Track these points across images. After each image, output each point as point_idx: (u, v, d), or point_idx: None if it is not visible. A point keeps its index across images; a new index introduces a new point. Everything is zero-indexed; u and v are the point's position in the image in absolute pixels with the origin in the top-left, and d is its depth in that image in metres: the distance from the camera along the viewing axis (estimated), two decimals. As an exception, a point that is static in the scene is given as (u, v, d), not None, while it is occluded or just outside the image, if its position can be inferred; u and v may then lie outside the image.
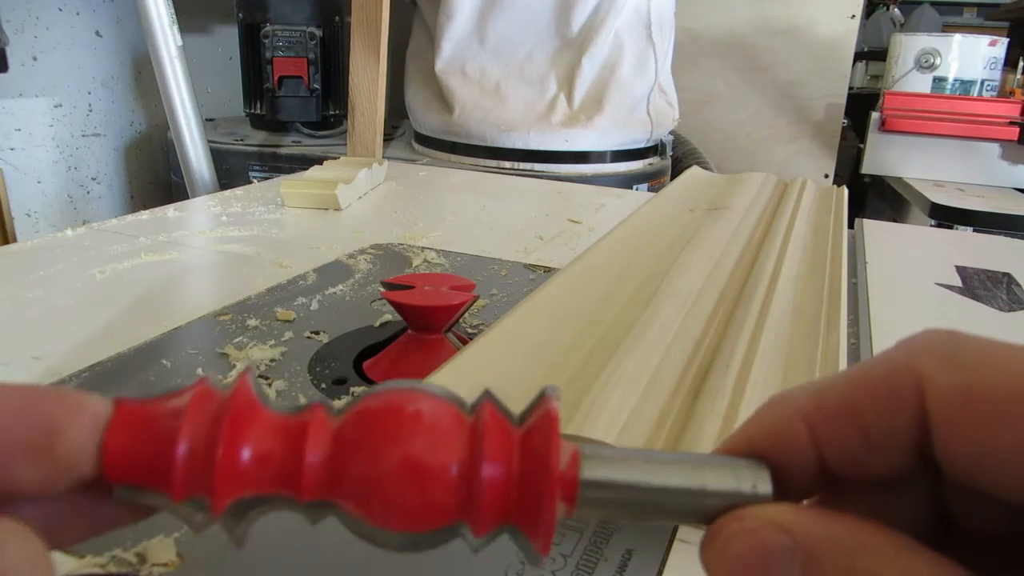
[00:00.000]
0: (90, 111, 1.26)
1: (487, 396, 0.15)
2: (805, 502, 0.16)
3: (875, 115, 1.71)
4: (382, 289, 0.40)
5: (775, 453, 0.15)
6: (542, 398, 0.15)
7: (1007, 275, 0.60)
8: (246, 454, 0.14)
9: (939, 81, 1.79)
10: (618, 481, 0.15)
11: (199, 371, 0.37)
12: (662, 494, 0.15)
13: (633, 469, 0.15)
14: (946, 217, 1.43)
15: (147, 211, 0.68)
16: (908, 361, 0.14)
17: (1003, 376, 0.13)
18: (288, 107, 1.21)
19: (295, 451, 0.15)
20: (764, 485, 0.15)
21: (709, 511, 0.15)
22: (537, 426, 0.15)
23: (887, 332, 0.47)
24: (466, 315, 0.44)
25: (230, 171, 1.15)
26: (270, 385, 0.36)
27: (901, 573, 0.13)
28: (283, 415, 0.15)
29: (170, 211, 0.69)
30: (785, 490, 0.15)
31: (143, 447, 0.15)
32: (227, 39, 1.44)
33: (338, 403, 0.16)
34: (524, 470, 0.14)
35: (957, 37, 1.79)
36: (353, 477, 0.14)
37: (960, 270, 0.61)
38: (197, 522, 0.15)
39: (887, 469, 0.14)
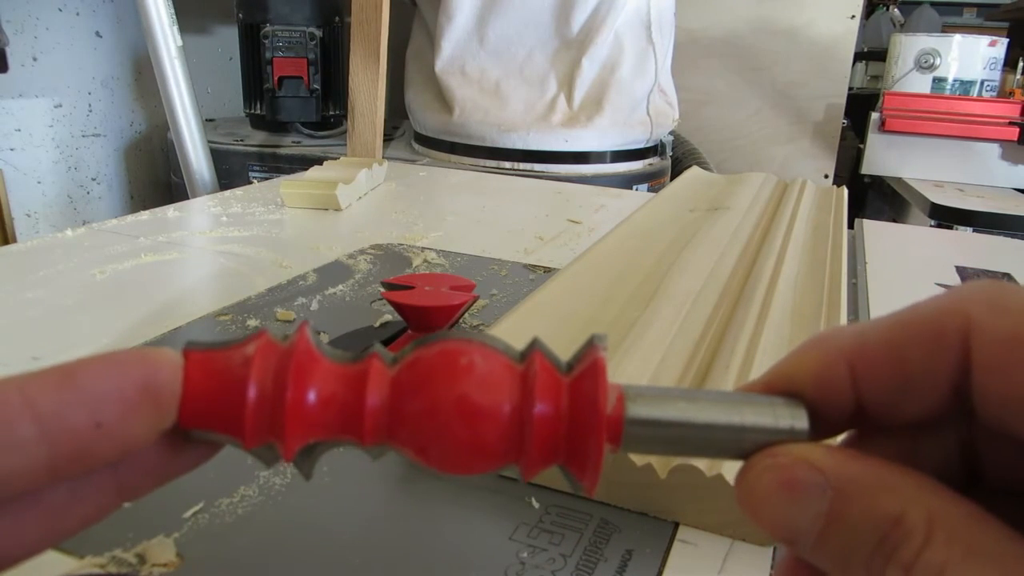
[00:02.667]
0: (90, 111, 1.26)
1: (536, 345, 0.16)
2: (837, 440, 0.16)
3: (875, 115, 1.71)
4: (382, 289, 0.40)
5: (814, 391, 0.16)
6: (589, 346, 0.16)
7: (1007, 275, 0.60)
8: (312, 400, 0.15)
9: (939, 81, 1.79)
10: (661, 419, 0.16)
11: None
12: (703, 431, 0.16)
13: (675, 407, 0.16)
14: (946, 217, 1.43)
15: (147, 211, 0.68)
16: (957, 305, 0.14)
17: None
18: (288, 107, 1.21)
19: (357, 397, 0.15)
20: (801, 423, 0.16)
21: (747, 447, 0.16)
22: (585, 372, 0.15)
23: (887, 332, 0.47)
24: (466, 315, 0.44)
25: (230, 171, 1.15)
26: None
27: (925, 512, 0.13)
28: (342, 364, 0.16)
29: (170, 211, 0.69)
30: (820, 428, 0.16)
31: (216, 395, 0.15)
32: (227, 39, 1.44)
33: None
34: (573, 411, 0.15)
35: (957, 37, 1.79)
36: (411, 420, 0.15)
37: (960, 270, 0.61)
38: (268, 459, 0.16)
39: (922, 412, 0.15)
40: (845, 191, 0.72)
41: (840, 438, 0.17)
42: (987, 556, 0.12)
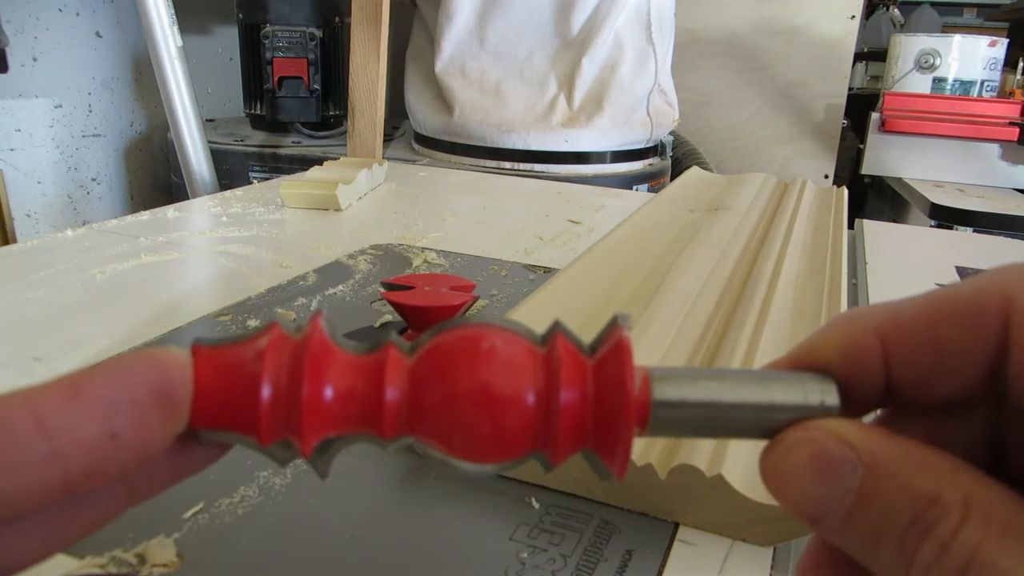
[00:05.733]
0: (90, 112, 1.26)
1: (558, 327, 0.16)
2: (865, 419, 0.16)
3: (875, 115, 1.71)
4: (382, 290, 0.40)
5: (845, 367, 0.15)
6: (613, 326, 0.15)
7: (1007, 275, 0.60)
8: (329, 394, 0.15)
9: (939, 82, 1.79)
10: (689, 400, 0.15)
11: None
12: (732, 410, 0.15)
13: (702, 388, 0.15)
14: (946, 218, 1.43)
15: (147, 212, 0.68)
16: (998, 285, 0.14)
17: None
18: (288, 107, 1.21)
19: (375, 389, 0.15)
20: (832, 399, 0.15)
21: (777, 425, 0.15)
22: (610, 354, 0.15)
23: (887, 332, 0.47)
24: (466, 316, 0.44)
25: (230, 172, 1.15)
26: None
27: (961, 492, 0.13)
28: (358, 355, 0.15)
29: (170, 212, 0.69)
30: (850, 405, 0.15)
31: (228, 394, 0.15)
32: (227, 39, 1.44)
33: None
34: (599, 395, 0.15)
35: (957, 38, 1.79)
36: (433, 411, 0.15)
37: (960, 271, 0.61)
38: (283, 458, 0.15)
39: (953, 392, 0.15)
40: (845, 191, 0.72)
41: (869, 418, 0.16)
42: (1023, 535, 0.12)
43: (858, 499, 0.14)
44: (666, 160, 1.28)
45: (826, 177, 1.72)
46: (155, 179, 1.38)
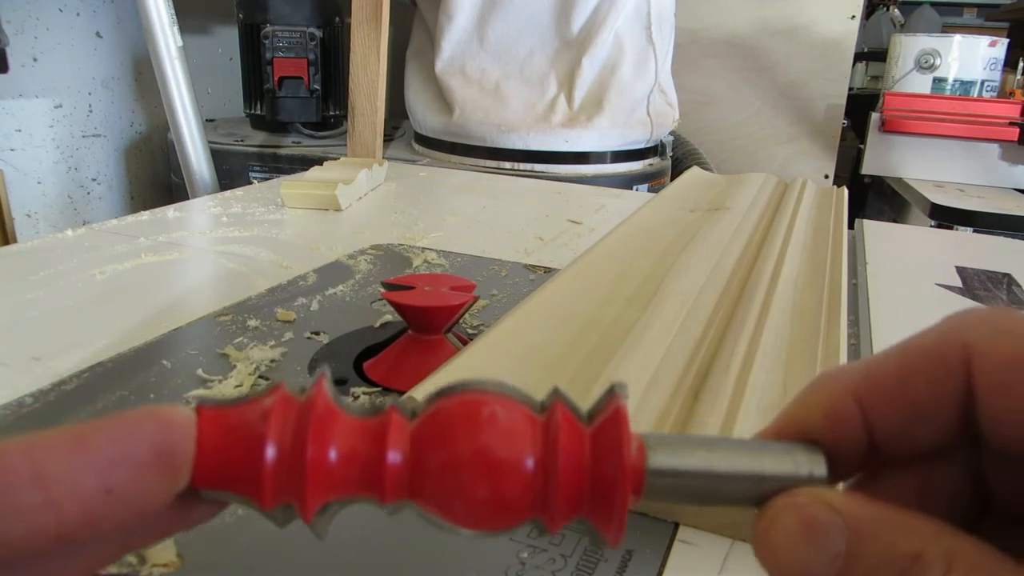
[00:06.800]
0: (90, 112, 1.26)
1: (557, 395, 0.16)
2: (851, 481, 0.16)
3: (875, 115, 1.71)
4: (382, 290, 0.40)
5: (827, 432, 0.16)
6: (610, 396, 0.16)
7: (1007, 276, 0.60)
8: (332, 457, 0.15)
9: (939, 82, 1.79)
10: (682, 469, 0.16)
11: (199, 371, 0.37)
12: (724, 480, 0.16)
13: (696, 456, 0.16)
14: (946, 218, 1.43)
15: (147, 212, 0.68)
16: (955, 331, 0.15)
17: None
18: (288, 108, 1.21)
19: (377, 454, 0.15)
20: (820, 469, 0.16)
21: (767, 495, 0.16)
22: (607, 422, 0.15)
23: (887, 332, 0.47)
24: (466, 316, 0.44)
25: (230, 172, 1.15)
26: (270, 385, 0.36)
27: (943, 549, 0.13)
28: (361, 418, 0.16)
29: (170, 212, 0.69)
30: (835, 469, 0.16)
31: (231, 454, 0.15)
32: (227, 39, 1.44)
33: (408, 402, 0.16)
34: (596, 464, 0.15)
35: (957, 38, 1.79)
36: (433, 476, 0.15)
37: (960, 271, 0.61)
38: (282, 520, 0.15)
39: (932, 441, 0.15)
40: (845, 191, 0.72)
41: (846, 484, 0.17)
42: None
43: (846, 562, 0.14)
44: (666, 160, 1.28)
45: (826, 177, 1.72)
46: (155, 179, 1.38)
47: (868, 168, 1.74)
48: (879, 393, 0.15)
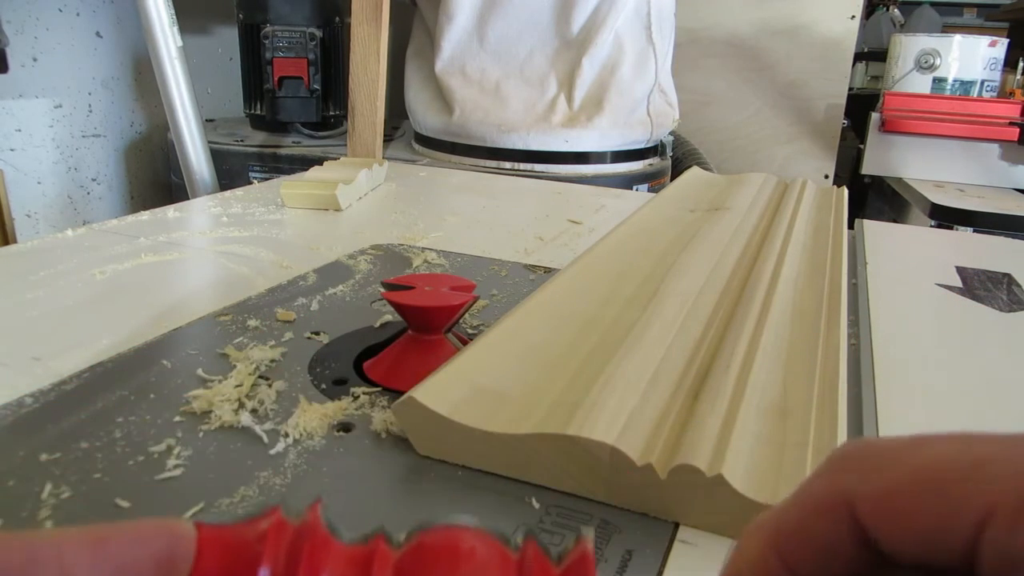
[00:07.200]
0: (90, 112, 1.26)
1: (529, 535, 0.17)
2: None
3: (875, 115, 1.71)
4: (382, 290, 0.40)
5: None
6: (578, 541, 0.17)
7: (1007, 276, 0.60)
8: None
9: (939, 82, 1.79)
10: None
11: (199, 371, 0.37)
12: None
13: None
14: (946, 218, 1.43)
15: (147, 212, 0.68)
16: (834, 480, 0.16)
17: (907, 470, 0.15)
18: (288, 108, 1.21)
19: None
20: None
21: None
22: (574, 565, 0.16)
23: (887, 332, 0.47)
24: (466, 315, 0.45)
25: (230, 172, 1.15)
26: (270, 386, 0.36)
27: None
28: (350, 545, 0.17)
29: (170, 212, 0.69)
30: None
31: (227, 571, 0.16)
32: (227, 39, 1.44)
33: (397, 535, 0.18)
34: None
35: (957, 38, 1.79)
36: None
37: (960, 271, 0.61)
38: None
39: (852, 571, 0.16)
40: (845, 191, 0.72)
41: None
42: None
43: None
44: (666, 160, 1.28)
45: (826, 177, 1.72)
46: (155, 179, 1.38)
47: (868, 168, 1.74)
48: (790, 545, 0.16)
